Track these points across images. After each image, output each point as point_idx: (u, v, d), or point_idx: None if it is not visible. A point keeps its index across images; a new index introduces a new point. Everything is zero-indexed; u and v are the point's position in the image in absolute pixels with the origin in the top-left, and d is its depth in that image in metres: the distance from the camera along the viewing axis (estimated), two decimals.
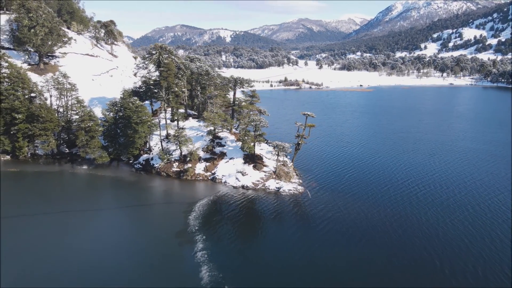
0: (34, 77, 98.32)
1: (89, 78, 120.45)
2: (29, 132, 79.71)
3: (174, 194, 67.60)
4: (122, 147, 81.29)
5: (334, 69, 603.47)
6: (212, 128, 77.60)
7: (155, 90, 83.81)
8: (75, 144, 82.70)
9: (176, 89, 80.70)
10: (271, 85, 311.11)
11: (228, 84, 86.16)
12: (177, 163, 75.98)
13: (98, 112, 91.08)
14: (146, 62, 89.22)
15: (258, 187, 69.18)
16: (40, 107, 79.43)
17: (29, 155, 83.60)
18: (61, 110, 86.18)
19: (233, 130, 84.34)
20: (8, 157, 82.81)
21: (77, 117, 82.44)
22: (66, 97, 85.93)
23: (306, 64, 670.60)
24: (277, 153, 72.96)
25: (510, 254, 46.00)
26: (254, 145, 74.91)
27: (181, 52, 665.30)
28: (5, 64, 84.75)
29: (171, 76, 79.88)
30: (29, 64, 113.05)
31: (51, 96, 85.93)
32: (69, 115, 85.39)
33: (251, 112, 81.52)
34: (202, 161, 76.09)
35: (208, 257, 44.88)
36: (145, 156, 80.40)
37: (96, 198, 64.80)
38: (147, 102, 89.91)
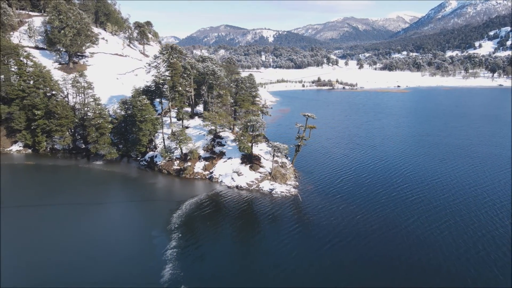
0: (63, 75, 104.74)
1: (114, 77, 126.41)
2: (47, 127, 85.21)
3: (168, 192, 68.86)
4: (131, 144, 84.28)
5: (375, 69, 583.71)
6: (212, 127, 78.17)
7: (163, 89, 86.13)
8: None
9: (180, 88, 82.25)
10: (303, 85, 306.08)
11: (230, 84, 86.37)
12: (178, 161, 77.45)
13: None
14: (158, 61, 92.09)
15: (252, 187, 68.78)
16: (56, 104, 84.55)
17: (48, 150, 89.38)
18: (78, 107, 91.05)
19: (236, 129, 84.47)
20: (30, 150, 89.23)
21: (91, 114, 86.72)
22: (83, 95, 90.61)
23: (346, 64, 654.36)
24: (273, 154, 72.06)
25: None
26: (251, 146, 74.51)
27: (222, 52, 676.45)
28: (31, 63, 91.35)
29: (176, 76, 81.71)
30: (60, 63, 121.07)
31: (68, 94, 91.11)
32: (84, 112, 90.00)
33: (253, 112, 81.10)
34: (202, 160, 76.96)
35: (177, 255, 45.43)
36: (150, 153, 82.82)
37: (96, 193, 67.20)
38: (157, 100, 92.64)
